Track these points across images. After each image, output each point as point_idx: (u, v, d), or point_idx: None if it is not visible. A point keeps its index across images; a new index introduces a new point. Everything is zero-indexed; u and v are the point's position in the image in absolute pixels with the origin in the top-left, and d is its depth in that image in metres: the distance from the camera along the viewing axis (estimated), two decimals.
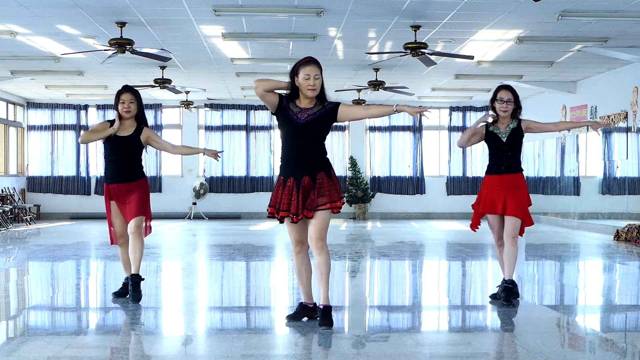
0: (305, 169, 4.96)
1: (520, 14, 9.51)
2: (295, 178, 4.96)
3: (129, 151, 6.02)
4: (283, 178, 5.02)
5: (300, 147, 5.00)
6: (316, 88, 4.97)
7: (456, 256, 9.95)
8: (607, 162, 14.41)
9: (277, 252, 10.67)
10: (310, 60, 5.01)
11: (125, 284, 6.13)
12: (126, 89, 6.04)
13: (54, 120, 18.91)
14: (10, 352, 4.36)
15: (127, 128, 6.01)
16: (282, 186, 5.01)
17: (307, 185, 4.94)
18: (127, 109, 5.96)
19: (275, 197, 5.03)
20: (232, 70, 14.03)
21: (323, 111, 5.02)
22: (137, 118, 6.06)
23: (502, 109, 5.87)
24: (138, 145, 6.04)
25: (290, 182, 4.96)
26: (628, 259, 9.60)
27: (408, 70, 13.71)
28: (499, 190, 5.89)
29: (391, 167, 19.38)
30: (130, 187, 5.99)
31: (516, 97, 5.92)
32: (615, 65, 13.27)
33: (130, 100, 5.98)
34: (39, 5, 9.06)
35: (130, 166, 6.03)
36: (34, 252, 10.34)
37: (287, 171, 5.02)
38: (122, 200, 6.02)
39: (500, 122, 5.97)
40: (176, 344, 4.67)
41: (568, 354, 4.42)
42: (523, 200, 5.92)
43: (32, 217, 17.10)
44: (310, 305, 5.17)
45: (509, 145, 5.91)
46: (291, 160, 5.03)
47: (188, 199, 18.84)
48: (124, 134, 5.99)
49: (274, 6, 9.20)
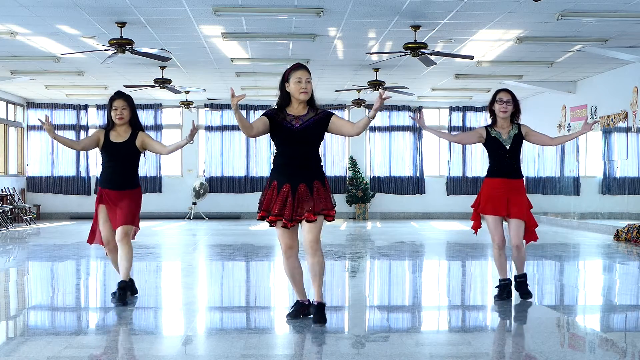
0: (302, 175, 5.03)
1: (520, 14, 9.51)
2: (291, 184, 5.01)
3: (124, 157, 5.97)
4: (277, 183, 5.05)
5: (296, 153, 5.05)
6: (308, 91, 5.04)
7: (456, 256, 9.95)
8: (607, 162, 14.41)
9: (277, 252, 10.66)
10: (300, 66, 5.10)
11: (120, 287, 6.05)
12: (118, 95, 6.02)
13: (54, 120, 18.90)
14: (10, 352, 4.36)
15: (122, 134, 5.98)
16: (275, 191, 5.04)
17: (302, 193, 5.00)
18: (119, 116, 5.94)
19: (267, 202, 5.07)
20: (232, 70, 14.03)
21: (317, 118, 5.09)
22: (131, 123, 6.02)
23: (502, 109, 5.90)
24: (133, 150, 5.98)
25: (285, 188, 5.01)
26: (628, 259, 9.60)
27: (408, 70, 13.71)
28: (503, 193, 5.94)
29: (391, 167, 19.38)
30: (121, 195, 5.95)
31: (515, 100, 5.96)
32: (615, 65, 13.28)
33: (123, 106, 5.95)
34: (39, 5, 9.06)
35: (125, 173, 5.99)
36: (34, 252, 10.34)
37: (283, 177, 5.05)
38: (111, 205, 5.97)
39: (501, 126, 5.99)
40: (176, 344, 4.67)
41: (568, 354, 4.42)
42: (526, 203, 5.99)
43: (32, 217, 17.10)
44: (306, 302, 5.27)
45: (512, 152, 5.97)
46: (287, 166, 5.07)
47: (188, 199, 18.84)
48: (119, 140, 5.96)
49: (274, 6, 9.20)
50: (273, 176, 5.12)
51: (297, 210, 4.99)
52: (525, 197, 6.02)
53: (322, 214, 5.03)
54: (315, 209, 4.98)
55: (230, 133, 19.10)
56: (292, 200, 4.98)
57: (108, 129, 6.00)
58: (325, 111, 5.16)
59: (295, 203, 4.98)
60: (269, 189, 5.10)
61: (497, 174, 5.98)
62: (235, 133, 19.08)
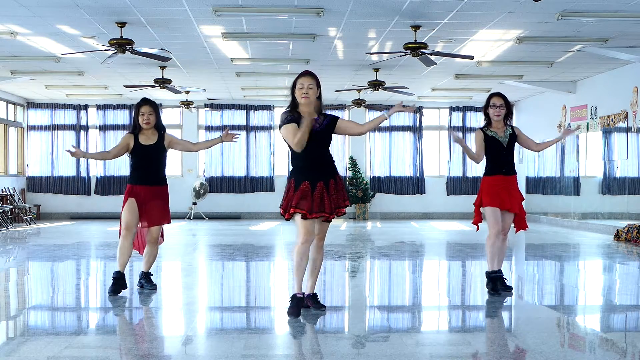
0: (320, 173, 5.38)
1: (520, 14, 9.51)
2: (323, 181, 5.37)
3: (156, 158, 6.45)
4: (309, 182, 5.34)
5: (315, 152, 5.37)
6: (309, 97, 5.33)
7: (456, 256, 9.95)
8: (607, 162, 14.41)
9: (277, 252, 10.67)
10: (305, 73, 5.43)
11: (115, 278, 6.32)
12: (145, 102, 6.43)
13: (54, 120, 18.91)
14: (10, 352, 4.36)
15: (151, 137, 6.43)
16: (309, 189, 5.33)
17: (334, 187, 5.40)
18: (147, 121, 6.38)
19: (288, 199, 5.39)
20: (232, 70, 14.03)
21: (328, 121, 5.44)
22: (156, 127, 6.46)
23: (496, 113, 6.44)
24: (162, 150, 6.47)
25: (319, 186, 5.34)
26: (628, 259, 9.60)
27: (408, 70, 13.71)
28: (503, 188, 6.42)
29: (391, 167, 19.37)
30: (154, 191, 6.43)
31: (507, 103, 6.49)
32: (615, 65, 13.28)
33: (150, 112, 6.39)
34: (39, 5, 9.07)
35: (157, 171, 6.48)
36: (34, 252, 10.34)
37: (313, 175, 5.36)
38: (143, 200, 6.37)
39: (496, 127, 6.49)
40: (176, 344, 4.67)
41: (568, 354, 4.42)
42: (520, 197, 6.54)
43: (32, 217, 17.11)
44: (300, 295, 5.47)
45: (509, 149, 6.48)
46: (315, 166, 5.39)
47: (188, 199, 18.84)
48: (148, 143, 6.41)
49: (274, 6, 9.20)
50: (292, 175, 5.44)
51: (334, 202, 5.38)
52: (519, 191, 6.57)
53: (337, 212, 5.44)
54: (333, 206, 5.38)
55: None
56: (327, 195, 5.34)
57: (136, 133, 6.41)
58: (331, 115, 5.51)
59: (331, 197, 5.37)
60: (297, 189, 5.35)
61: (496, 171, 6.45)
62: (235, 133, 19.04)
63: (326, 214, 5.36)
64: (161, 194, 6.47)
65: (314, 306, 5.56)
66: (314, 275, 5.58)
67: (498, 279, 6.41)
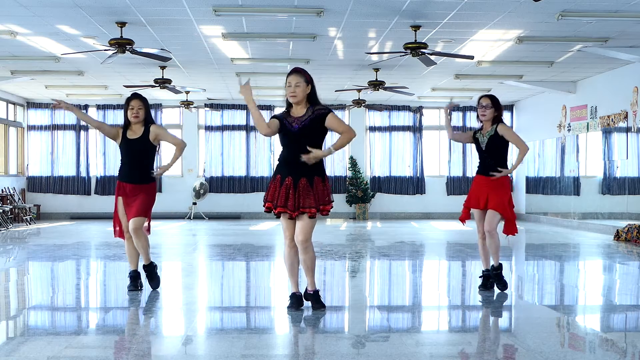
0: (302, 170, 5.38)
1: (520, 14, 9.51)
2: (293, 177, 5.39)
3: (138, 152, 6.39)
4: (280, 176, 5.44)
5: (296, 151, 5.37)
6: (296, 95, 5.39)
7: (456, 256, 9.95)
8: (607, 162, 14.41)
9: (277, 252, 10.66)
10: (292, 71, 5.44)
11: (131, 277, 6.55)
12: (135, 96, 6.45)
13: (54, 120, 18.91)
14: (10, 352, 4.36)
15: (137, 131, 6.41)
16: (279, 183, 5.42)
17: (303, 186, 5.37)
18: (135, 114, 6.38)
19: (272, 193, 5.45)
20: (232, 70, 14.03)
21: (312, 117, 5.40)
22: (145, 121, 6.46)
23: (481, 113, 6.50)
24: (147, 144, 6.39)
25: (288, 181, 5.39)
26: (628, 259, 9.60)
27: (408, 70, 13.71)
28: (484, 188, 6.47)
29: (391, 167, 19.37)
30: (137, 189, 6.40)
31: (495, 104, 6.48)
32: (615, 65, 13.28)
33: (139, 106, 6.40)
34: (39, 5, 9.07)
35: (140, 167, 6.41)
36: (34, 252, 10.34)
37: (285, 170, 5.43)
38: (128, 198, 6.41)
39: (485, 128, 6.55)
40: (176, 344, 4.67)
41: (568, 354, 4.42)
42: (504, 199, 6.45)
43: (32, 217, 17.11)
44: (298, 294, 5.65)
45: (487, 152, 6.49)
46: (289, 163, 5.43)
47: (188, 198, 18.84)
48: (133, 137, 6.40)
49: (274, 6, 9.20)
50: (277, 169, 5.52)
51: (299, 200, 5.35)
52: (505, 193, 6.46)
53: (320, 209, 5.40)
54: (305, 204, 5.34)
55: (231, 133, 19.10)
56: (293, 192, 5.35)
57: (125, 128, 6.44)
58: (322, 109, 5.44)
59: (297, 195, 5.35)
60: (273, 182, 5.48)
61: (479, 172, 6.58)
62: (236, 133, 19.10)
63: (289, 211, 5.34)
64: (145, 189, 6.41)
65: (314, 305, 5.59)
66: (309, 273, 5.56)
67: (491, 277, 6.58)
